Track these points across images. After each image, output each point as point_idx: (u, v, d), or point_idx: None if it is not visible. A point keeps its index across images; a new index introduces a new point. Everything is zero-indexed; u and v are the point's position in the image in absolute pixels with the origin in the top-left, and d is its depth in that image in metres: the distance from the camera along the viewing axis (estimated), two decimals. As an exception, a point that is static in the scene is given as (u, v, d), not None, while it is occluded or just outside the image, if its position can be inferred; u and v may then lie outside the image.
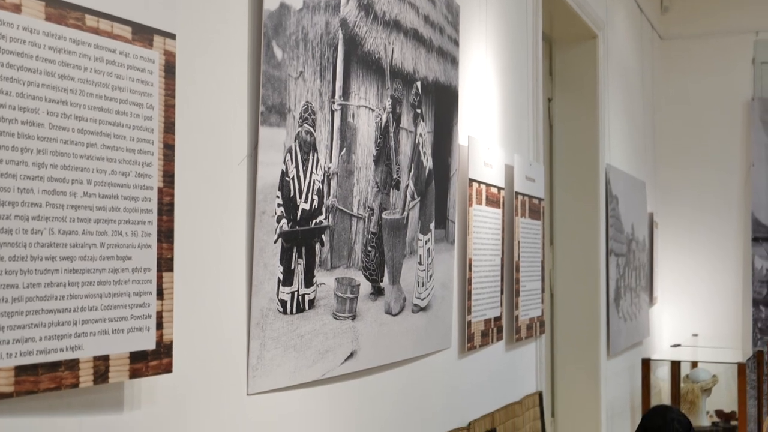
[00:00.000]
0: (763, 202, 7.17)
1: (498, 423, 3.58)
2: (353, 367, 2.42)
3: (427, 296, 2.89)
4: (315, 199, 2.20)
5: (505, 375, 3.80)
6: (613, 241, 5.42)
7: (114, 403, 1.62)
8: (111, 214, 1.53)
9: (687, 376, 6.43)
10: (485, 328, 3.46)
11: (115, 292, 1.53)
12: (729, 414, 6.55)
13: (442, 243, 3.04)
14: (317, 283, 2.22)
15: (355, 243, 2.42)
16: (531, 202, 4.05)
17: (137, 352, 1.57)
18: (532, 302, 4.06)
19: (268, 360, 2.03)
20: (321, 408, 2.32)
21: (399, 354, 2.73)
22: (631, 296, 5.99)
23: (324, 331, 2.25)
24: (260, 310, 2.00)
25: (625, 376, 5.91)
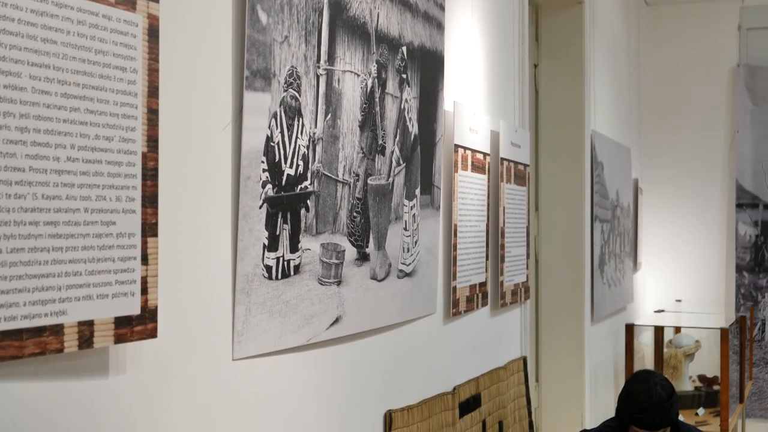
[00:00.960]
0: (748, 168, 7.19)
1: (483, 388, 3.61)
2: (339, 333, 2.43)
3: (412, 262, 2.90)
4: (300, 165, 2.19)
5: (489, 340, 3.82)
6: (598, 207, 5.44)
7: (99, 368, 1.62)
8: (95, 178, 1.52)
9: (670, 341, 6.47)
10: (470, 294, 3.47)
11: (99, 257, 1.52)
12: (711, 379, 6.61)
13: (428, 209, 3.04)
14: (302, 248, 2.22)
15: (341, 208, 2.42)
16: (516, 168, 4.05)
17: (122, 317, 1.57)
18: (517, 268, 4.08)
19: (254, 325, 2.04)
20: (307, 373, 2.33)
21: (384, 319, 2.74)
22: (616, 262, 6.02)
23: (309, 297, 2.26)
24: (245, 275, 2.00)
25: (609, 341, 5.95)
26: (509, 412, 3.93)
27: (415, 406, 2.96)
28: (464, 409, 3.38)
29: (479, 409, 3.55)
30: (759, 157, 7.16)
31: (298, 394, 2.30)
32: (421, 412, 3.00)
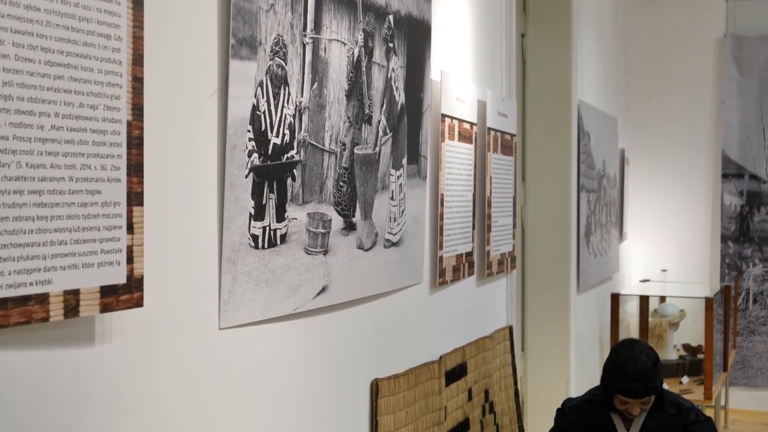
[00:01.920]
0: (734, 138, 7.21)
1: (469, 357, 3.62)
2: (325, 302, 2.44)
3: (398, 231, 2.90)
4: (286, 134, 2.19)
5: (475, 310, 3.84)
6: (584, 177, 5.45)
7: (85, 337, 1.62)
8: (79, 147, 1.51)
9: (655, 310, 6.51)
10: (457, 263, 3.48)
11: (84, 226, 1.52)
12: (696, 348, 6.65)
13: (414, 178, 3.04)
14: (289, 218, 2.21)
15: (327, 178, 2.41)
16: (503, 137, 4.05)
17: (108, 286, 1.57)
18: (503, 238, 4.09)
19: (240, 294, 2.04)
20: (293, 342, 2.34)
21: (371, 289, 2.74)
22: (602, 232, 6.03)
23: (296, 266, 2.26)
24: (231, 244, 2.00)
25: (595, 310, 5.99)
26: (495, 381, 3.95)
27: (402, 375, 2.97)
28: (450, 378, 3.40)
29: (465, 377, 3.57)
30: (745, 127, 7.18)
31: (284, 363, 2.30)
32: (408, 380, 3.01)
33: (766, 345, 7.12)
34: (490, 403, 3.86)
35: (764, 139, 7.14)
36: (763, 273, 7.14)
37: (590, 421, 3.48)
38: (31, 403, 1.50)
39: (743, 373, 7.18)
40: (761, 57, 7.15)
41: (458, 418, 3.48)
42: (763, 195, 7.15)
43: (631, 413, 3.36)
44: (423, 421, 3.12)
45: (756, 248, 7.16)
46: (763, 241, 7.15)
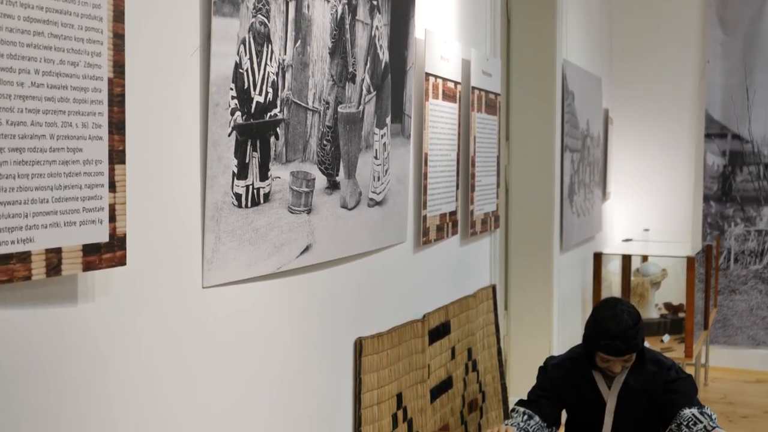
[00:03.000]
0: (717, 98, 7.22)
1: (452, 315, 3.64)
2: (309, 261, 2.44)
3: (382, 190, 2.90)
4: (269, 92, 2.17)
5: (459, 269, 3.85)
6: (568, 137, 5.45)
7: (68, 295, 1.61)
8: (60, 104, 1.49)
9: (637, 269, 6.55)
10: (440, 223, 3.49)
11: (66, 184, 1.51)
12: (677, 306, 6.71)
13: (398, 137, 3.03)
14: (272, 176, 2.21)
15: (311, 137, 2.40)
16: (487, 97, 4.04)
17: (90, 244, 1.56)
18: (487, 197, 4.09)
19: (223, 253, 2.04)
20: (277, 301, 2.34)
21: (355, 248, 2.74)
22: (585, 192, 6.05)
23: (279, 225, 2.26)
24: (215, 203, 1.99)
25: (578, 269, 6.02)
26: (478, 340, 3.97)
27: (385, 334, 2.98)
28: (434, 337, 3.42)
29: (448, 336, 3.59)
30: (728, 87, 7.18)
31: (268, 321, 2.31)
32: (391, 339, 3.03)
33: (747, 304, 7.19)
34: (473, 362, 3.89)
35: (747, 99, 7.16)
36: (745, 233, 7.19)
37: (572, 379, 3.51)
38: (13, 361, 1.50)
39: (723, 331, 7.25)
40: (745, 17, 7.14)
41: (441, 376, 3.51)
42: (745, 155, 7.18)
43: (612, 371, 3.39)
44: (406, 379, 3.14)
45: (738, 208, 7.20)
46: (745, 200, 7.19)
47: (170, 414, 1.92)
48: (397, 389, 3.07)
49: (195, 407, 2.01)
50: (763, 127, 7.12)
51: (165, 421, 1.90)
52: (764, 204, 7.14)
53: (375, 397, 2.91)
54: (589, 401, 3.50)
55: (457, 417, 3.68)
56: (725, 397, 6.45)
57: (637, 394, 3.44)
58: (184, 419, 1.97)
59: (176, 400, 1.94)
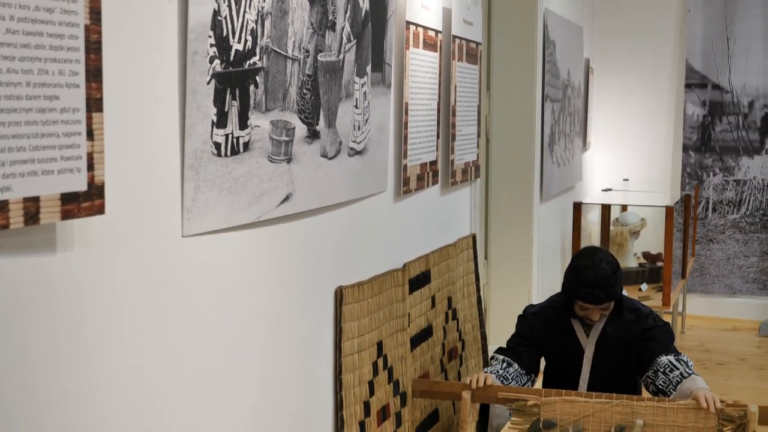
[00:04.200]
0: (698, 48, 7.21)
1: (432, 265, 3.66)
2: (289, 210, 2.44)
3: (363, 140, 2.89)
4: (248, 40, 2.15)
5: (439, 218, 3.86)
6: (549, 87, 5.44)
7: (46, 244, 1.61)
8: (36, 51, 1.47)
9: (616, 219, 6.59)
10: (421, 172, 3.49)
11: (43, 132, 1.49)
12: (655, 255, 6.77)
13: (379, 86, 3.02)
14: (252, 125, 2.20)
15: (290, 85, 2.39)
16: (468, 46, 4.01)
17: (68, 193, 1.55)
18: (467, 147, 4.09)
19: (203, 202, 2.03)
20: (257, 250, 2.34)
21: (335, 197, 2.74)
22: (565, 141, 6.06)
23: (259, 174, 2.25)
24: (194, 152, 1.98)
25: (557, 219, 6.05)
26: (458, 289, 4.00)
27: (366, 283, 3.00)
28: (414, 285, 3.44)
29: (429, 285, 3.61)
30: (709, 37, 7.18)
31: (249, 270, 2.31)
32: (372, 288, 3.04)
33: (724, 253, 7.26)
34: (453, 310, 3.92)
35: (728, 48, 7.16)
36: (723, 182, 7.24)
37: (551, 327, 3.55)
38: (-7, 311, 1.50)
39: (701, 280, 7.33)
40: (728, -35, 7.11)
41: (421, 324, 3.53)
42: (725, 105, 7.20)
43: (590, 319, 3.42)
44: (387, 328, 3.16)
45: (717, 158, 7.24)
46: (723, 150, 7.22)
47: (148, 362, 1.92)
48: (377, 338, 3.09)
49: (174, 355, 2.01)
50: (743, 77, 7.13)
51: (143, 370, 1.91)
52: (743, 154, 7.17)
53: (355, 345, 2.93)
54: (567, 349, 3.54)
55: (437, 365, 3.71)
56: (701, 344, 6.53)
57: (614, 342, 3.48)
58: (163, 368, 1.97)
59: (155, 347, 1.94)
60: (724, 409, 3.04)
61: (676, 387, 3.24)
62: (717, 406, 3.04)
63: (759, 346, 6.51)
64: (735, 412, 3.03)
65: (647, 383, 3.39)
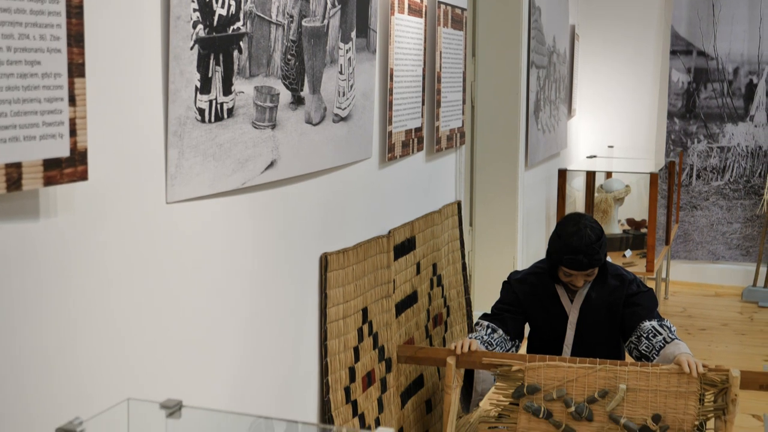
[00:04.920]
0: (684, 15, 7.20)
1: (417, 231, 3.66)
2: (274, 176, 2.43)
3: (347, 106, 2.88)
4: (232, 5, 2.13)
5: (424, 185, 3.86)
6: (535, 53, 5.43)
7: (29, 210, 1.60)
8: (16, 16, 1.46)
9: (601, 186, 6.61)
10: (406, 139, 3.48)
11: (24, 98, 1.48)
12: (639, 222, 6.79)
13: (364, 52, 3.00)
14: (236, 91, 2.18)
15: (274, 51, 2.37)
16: (454, 12, 4.00)
17: (51, 159, 1.54)
18: (452, 113, 4.08)
19: (187, 168, 2.02)
20: (242, 216, 2.34)
21: (320, 163, 2.74)
22: (551, 108, 6.05)
23: (243, 140, 2.24)
24: (177, 118, 1.97)
25: (542, 186, 6.06)
26: (443, 255, 4.01)
27: (351, 249, 3.00)
28: (399, 252, 3.44)
29: (414, 251, 3.61)
30: (695, 4, 7.16)
31: (233, 237, 2.31)
32: (357, 254, 3.04)
33: (708, 219, 7.29)
34: (437, 277, 3.93)
35: (713, 15, 7.15)
36: (707, 149, 7.26)
37: (535, 293, 3.56)
38: (-24, 277, 1.50)
39: (684, 246, 7.36)
40: (714, -69, 7.09)
41: (406, 291, 3.54)
42: (710, 72, 7.20)
43: (575, 285, 3.44)
44: (372, 294, 3.17)
45: (701, 125, 7.25)
46: (708, 117, 7.23)
47: (132, 328, 1.92)
48: (362, 304, 3.10)
49: (157, 322, 2.01)
50: (728, 44, 7.13)
51: (126, 335, 1.91)
52: (727, 121, 7.19)
53: (340, 311, 2.94)
54: (551, 315, 3.56)
55: (422, 331, 3.73)
56: (684, 310, 6.58)
57: (598, 308, 3.50)
58: (147, 334, 1.98)
59: (139, 314, 1.94)
60: (707, 374, 3.07)
61: (659, 352, 3.27)
62: (699, 371, 3.07)
63: (741, 311, 6.57)
64: (717, 376, 3.06)
65: (630, 348, 3.42)
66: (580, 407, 3.15)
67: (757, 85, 7.10)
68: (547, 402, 3.19)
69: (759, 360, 5.36)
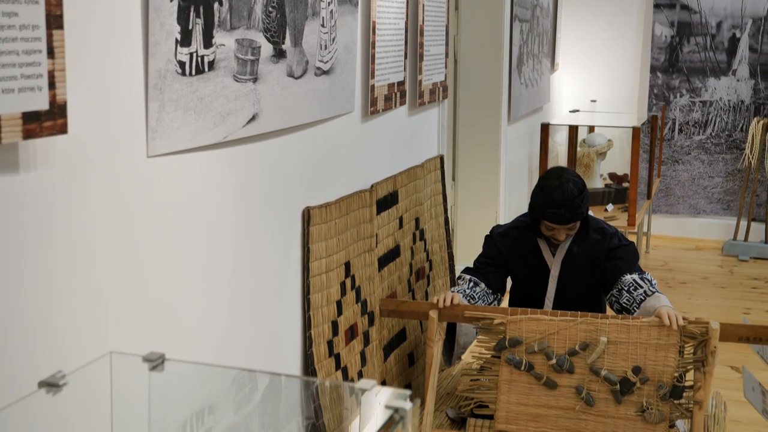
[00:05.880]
0: (667, -32, 7.16)
1: (400, 185, 3.66)
2: (255, 130, 2.42)
3: (330, 59, 2.86)
4: (212, -44, 2.11)
5: (407, 139, 3.85)
6: (518, 7, 5.39)
7: (9, 164, 1.59)
8: (-8, -34, 1.44)
9: (584, 140, 6.61)
10: (388, 93, 3.46)
11: (2, 50, 1.46)
12: (621, 176, 6.81)
13: (346, 5, 2.97)
14: (217, 44, 2.16)
15: (255, 3, 2.35)
16: (436, -36, 3.96)
17: (30, 112, 1.53)
18: (435, 67, 4.06)
19: (168, 122, 2.01)
20: (223, 170, 2.33)
21: (302, 117, 2.72)
22: (534, 62, 6.03)
23: (225, 94, 2.22)
24: (158, 71, 1.95)
25: (525, 140, 6.05)
26: (426, 209, 4.01)
27: (333, 203, 3.00)
28: (381, 206, 3.44)
29: (396, 206, 3.61)
30: (679, -44, 7.13)
31: (215, 191, 2.30)
32: (339, 208, 3.04)
33: (689, 174, 7.32)
34: (420, 231, 3.94)
35: (697, -32, 7.11)
36: (690, 103, 7.26)
37: (518, 247, 3.58)
38: (-44, 231, 1.49)
39: (666, 200, 7.40)
40: None
41: (389, 245, 3.55)
42: (693, 25, 7.18)
43: (556, 239, 3.46)
44: (354, 248, 3.17)
45: (684, 79, 7.25)
46: (691, 71, 7.23)
47: (114, 283, 1.92)
48: (345, 258, 3.10)
49: (139, 276, 2.01)
50: (712, -3, 7.11)
51: (108, 290, 1.91)
52: (710, 75, 7.19)
53: (323, 265, 2.94)
54: (533, 268, 3.57)
55: (405, 285, 3.74)
56: (665, 263, 6.63)
57: (580, 261, 3.52)
58: (129, 288, 1.97)
59: (121, 268, 1.94)
60: (687, 327, 3.10)
61: (640, 305, 3.29)
62: (679, 324, 3.09)
63: (721, 265, 6.62)
64: (697, 329, 3.09)
65: (611, 301, 3.44)
66: (561, 360, 3.18)
67: (740, 39, 7.09)
68: (528, 354, 3.21)
69: (738, 313, 5.42)
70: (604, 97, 7.45)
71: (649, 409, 3.13)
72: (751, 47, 7.05)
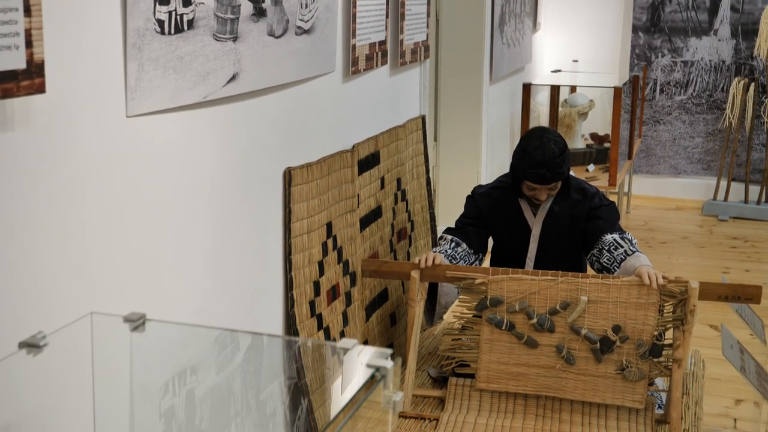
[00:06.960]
0: (650, -74, 7.12)
1: (381, 146, 3.65)
2: (236, 90, 2.40)
3: (310, 18, 2.84)
4: None
5: (389, 99, 3.83)
6: (500, -35, 5.36)
7: (-14, 124, 1.57)
8: None
9: (565, 100, 6.60)
10: (370, 52, 3.44)
11: (-23, 7, 1.44)
12: (603, 137, 6.82)
13: (326, -37, 2.94)
14: (196, 2, 2.14)
15: (235, -39, 2.32)
16: None
17: (6, 71, 1.51)
18: (417, 26, 4.04)
19: (147, 82, 1.99)
20: (204, 130, 2.32)
21: (283, 77, 2.70)
22: (516, 22, 6.00)
23: (205, 53, 2.20)
24: (136, 30, 1.93)
25: (506, 100, 6.04)
26: (407, 170, 4.01)
27: (315, 164, 2.99)
28: (363, 167, 3.44)
29: (378, 166, 3.61)
30: None
31: (195, 151, 2.29)
32: (321, 169, 3.03)
33: (670, 134, 7.33)
34: (402, 191, 3.94)
35: (680, -73, 7.07)
36: (671, 63, 7.26)
37: (499, 207, 3.58)
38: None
39: (647, 161, 7.42)
40: None
41: (371, 205, 3.55)
42: (675, -15, 7.15)
43: (538, 199, 3.46)
44: (336, 209, 3.17)
45: (665, 39, 7.23)
46: (672, 31, 7.22)
47: (93, 244, 1.91)
48: (326, 218, 3.10)
49: (120, 237, 2.00)
50: (694, -43, 7.08)
51: (87, 251, 1.90)
52: (691, 35, 7.18)
53: (305, 226, 2.94)
54: (514, 228, 3.58)
55: (387, 245, 3.75)
56: (646, 223, 6.66)
57: (561, 221, 3.53)
58: (109, 249, 1.97)
59: (102, 228, 1.93)
60: (666, 285, 3.12)
61: (620, 264, 3.31)
62: (659, 283, 3.12)
63: (701, 225, 6.66)
64: (676, 288, 3.12)
65: (592, 261, 3.46)
66: (542, 319, 3.20)
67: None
68: (509, 314, 3.23)
69: (717, 272, 5.46)
70: (586, 58, 7.43)
71: (629, 367, 3.16)
72: (733, 7, 7.04)
